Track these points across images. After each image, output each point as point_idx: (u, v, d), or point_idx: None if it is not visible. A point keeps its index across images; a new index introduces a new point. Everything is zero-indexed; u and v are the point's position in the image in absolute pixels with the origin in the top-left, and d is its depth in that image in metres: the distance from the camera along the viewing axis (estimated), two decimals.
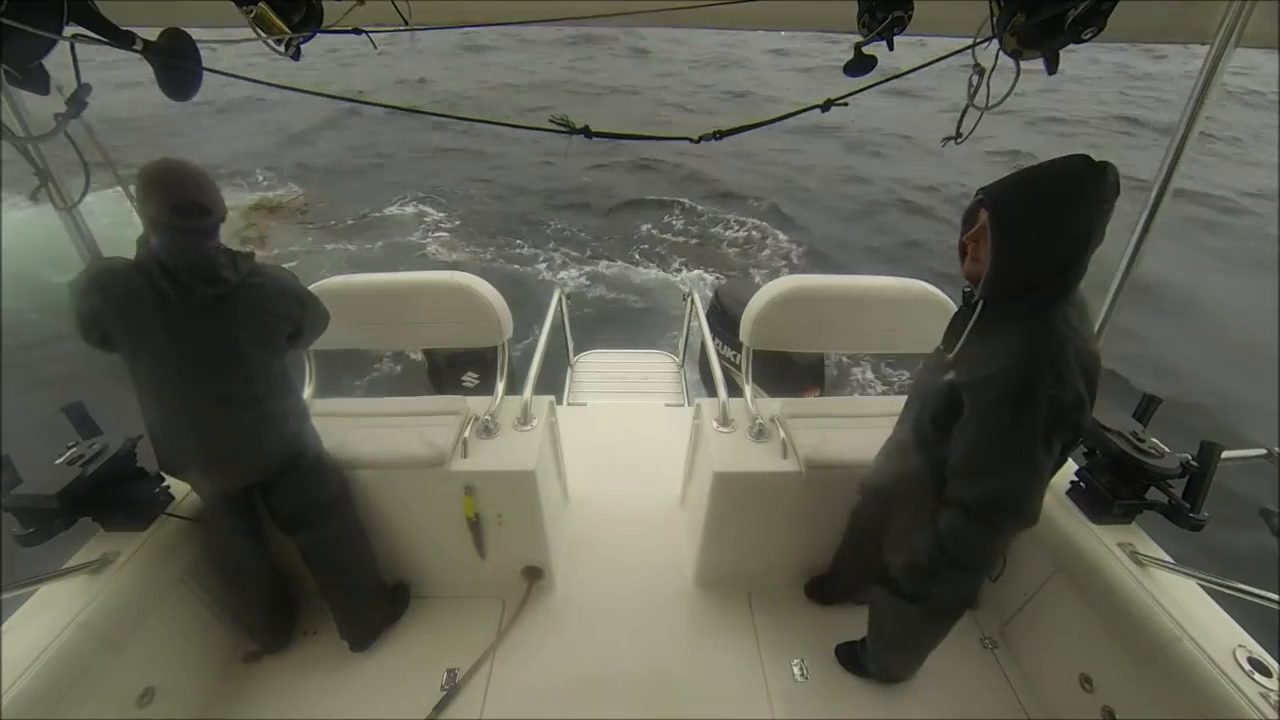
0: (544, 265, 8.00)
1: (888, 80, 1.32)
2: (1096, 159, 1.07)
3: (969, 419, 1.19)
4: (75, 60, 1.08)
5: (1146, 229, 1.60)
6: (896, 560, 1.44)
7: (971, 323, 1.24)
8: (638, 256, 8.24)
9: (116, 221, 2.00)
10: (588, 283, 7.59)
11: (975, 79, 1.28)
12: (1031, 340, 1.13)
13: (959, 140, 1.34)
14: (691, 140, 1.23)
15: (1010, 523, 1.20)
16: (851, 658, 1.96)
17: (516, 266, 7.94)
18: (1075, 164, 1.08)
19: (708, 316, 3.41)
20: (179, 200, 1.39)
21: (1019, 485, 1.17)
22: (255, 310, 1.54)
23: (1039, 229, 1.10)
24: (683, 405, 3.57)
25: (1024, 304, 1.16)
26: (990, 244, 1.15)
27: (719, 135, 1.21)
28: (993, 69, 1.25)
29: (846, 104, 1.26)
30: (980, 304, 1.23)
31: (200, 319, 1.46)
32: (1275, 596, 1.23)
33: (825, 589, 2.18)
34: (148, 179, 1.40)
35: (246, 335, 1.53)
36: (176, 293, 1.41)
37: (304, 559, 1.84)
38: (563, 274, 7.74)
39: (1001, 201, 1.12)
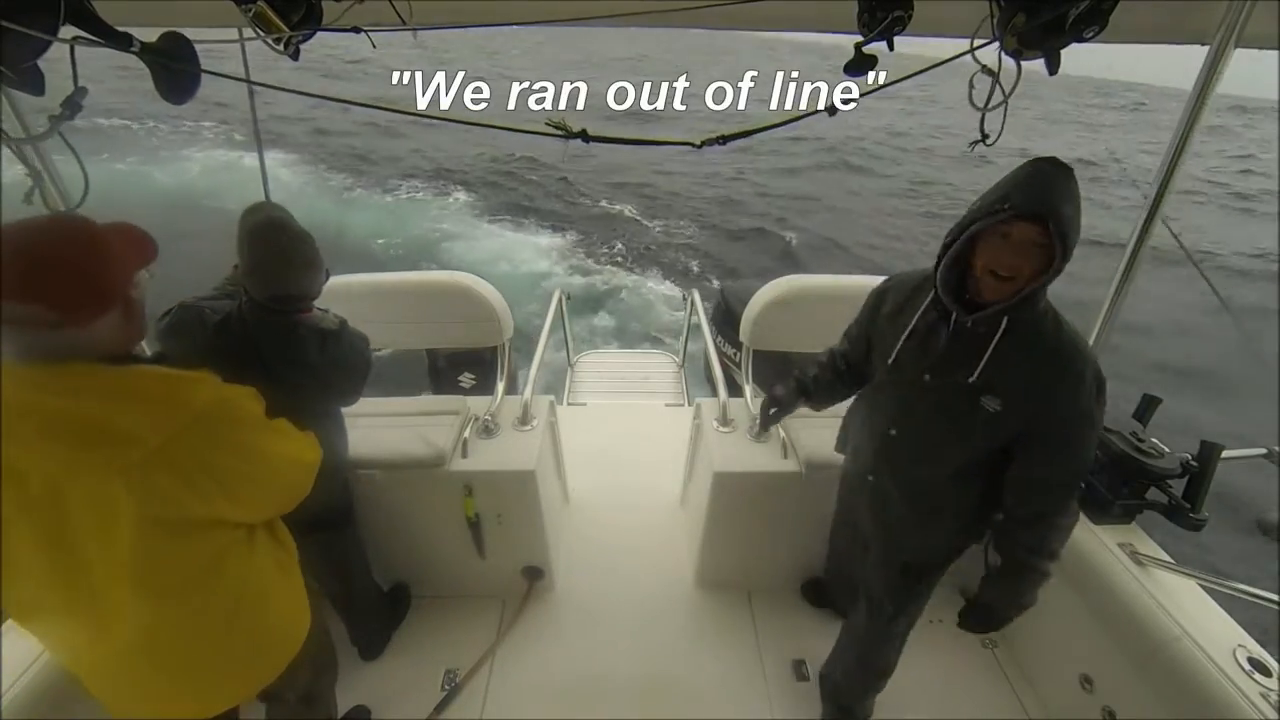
0: None
1: (893, 83, 1.31)
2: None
3: (1054, 435, 1.17)
4: (74, 62, 1.07)
5: (1147, 227, 1.60)
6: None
7: (995, 343, 1.16)
8: None
9: None
10: None
11: (978, 80, 1.27)
12: (1073, 341, 1.15)
13: (988, 142, 1.29)
14: (694, 146, 1.22)
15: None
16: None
17: None
18: (1062, 162, 1.07)
19: (714, 315, 3.41)
20: (277, 293, 1.33)
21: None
22: (326, 386, 1.49)
23: (1077, 230, 1.06)
24: (683, 405, 3.57)
25: (1033, 308, 1.13)
26: (1042, 258, 1.07)
27: (722, 140, 1.18)
28: (999, 70, 1.25)
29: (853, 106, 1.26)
30: (1005, 321, 1.15)
31: (278, 385, 1.33)
32: (1275, 596, 1.24)
33: (820, 592, 2.19)
34: (254, 251, 1.30)
35: (313, 403, 1.46)
36: (260, 365, 1.34)
37: (309, 565, 1.83)
38: None
39: (1063, 213, 1.03)
